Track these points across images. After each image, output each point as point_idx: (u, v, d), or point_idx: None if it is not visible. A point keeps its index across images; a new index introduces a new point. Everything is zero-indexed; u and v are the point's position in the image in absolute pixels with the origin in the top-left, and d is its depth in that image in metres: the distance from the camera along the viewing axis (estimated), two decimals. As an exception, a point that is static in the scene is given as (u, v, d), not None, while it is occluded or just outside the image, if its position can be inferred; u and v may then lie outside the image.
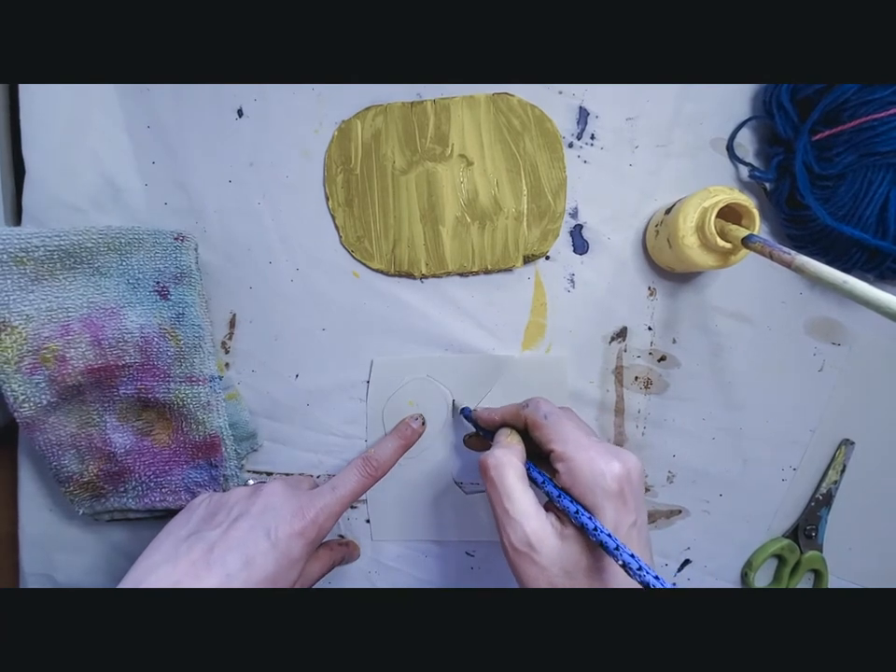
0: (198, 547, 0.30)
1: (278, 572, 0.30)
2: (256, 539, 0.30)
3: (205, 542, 0.30)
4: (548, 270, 0.40)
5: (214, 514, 0.33)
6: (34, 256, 0.34)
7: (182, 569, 0.28)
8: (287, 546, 0.31)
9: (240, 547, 0.30)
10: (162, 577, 0.28)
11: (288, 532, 0.31)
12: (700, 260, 0.34)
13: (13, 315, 0.34)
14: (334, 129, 0.39)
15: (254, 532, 0.31)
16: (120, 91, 0.39)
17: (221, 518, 0.32)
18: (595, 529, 0.25)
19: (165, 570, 0.28)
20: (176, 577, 0.28)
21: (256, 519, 0.31)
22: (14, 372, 0.34)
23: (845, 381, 0.40)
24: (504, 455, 0.29)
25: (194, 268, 0.38)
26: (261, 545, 0.30)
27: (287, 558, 0.30)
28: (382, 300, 0.40)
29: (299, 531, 0.31)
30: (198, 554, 0.29)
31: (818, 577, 0.42)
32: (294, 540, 0.31)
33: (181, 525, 0.33)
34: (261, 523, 0.31)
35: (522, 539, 0.27)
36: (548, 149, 0.39)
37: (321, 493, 0.34)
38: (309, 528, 0.32)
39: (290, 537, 0.31)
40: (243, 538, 0.30)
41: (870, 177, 0.34)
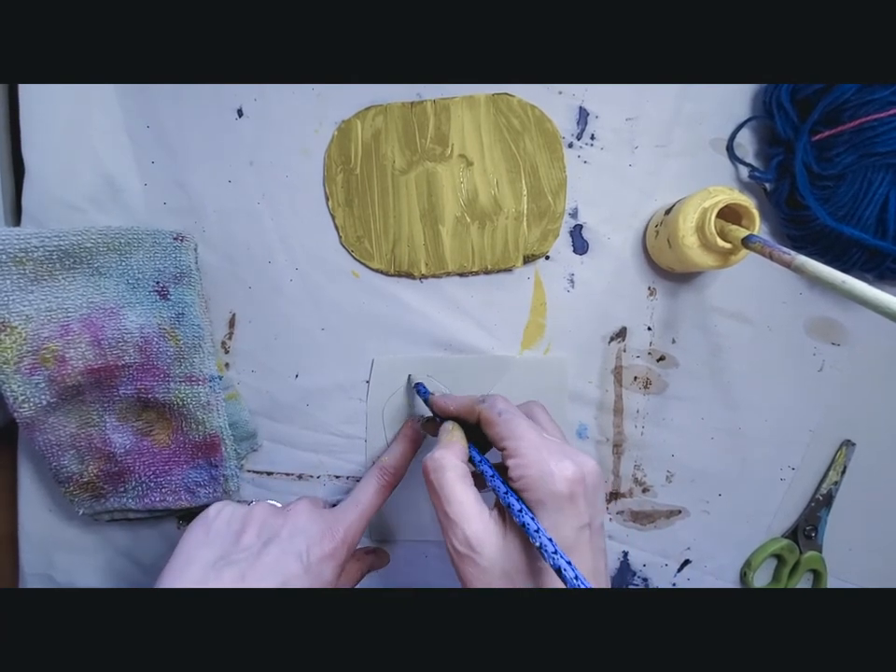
0: (227, 575, 0.28)
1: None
2: (288, 565, 0.29)
3: (236, 569, 0.29)
4: (548, 270, 0.40)
5: (239, 534, 0.31)
6: (33, 256, 0.34)
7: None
8: (319, 570, 0.30)
9: (273, 574, 0.29)
10: None
11: (320, 555, 0.30)
12: (700, 260, 0.34)
13: (13, 316, 0.34)
14: (334, 129, 0.39)
15: (286, 557, 0.30)
16: (120, 91, 0.39)
17: (249, 541, 0.31)
18: (536, 531, 0.24)
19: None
20: None
21: (287, 543, 0.30)
22: (14, 373, 0.34)
23: (845, 381, 0.40)
24: (443, 457, 0.29)
25: (194, 268, 0.38)
26: (294, 570, 0.29)
27: (319, 581, 0.30)
28: (382, 299, 0.40)
29: (329, 553, 0.31)
30: (228, 583, 0.28)
31: (817, 577, 0.42)
32: (326, 563, 0.30)
33: (201, 543, 0.31)
34: (292, 547, 0.30)
35: (463, 541, 0.26)
36: (548, 149, 0.39)
37: (346, 509, 0.33)
38: (339, 549, 0.31)
39: (322, 560, 0.30)
40: (275, 564, 0.29)
41: (870, 178, 0.34)
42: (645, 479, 0.41)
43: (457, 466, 0.28)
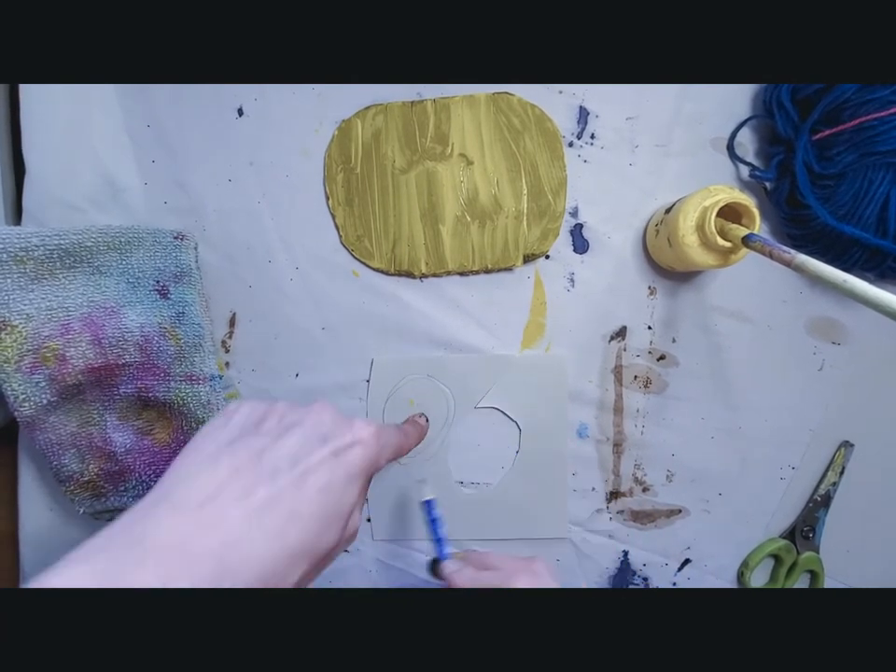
0: (243, 453, 0.25)
1: (336, 483, 0.26)
2: (312, 447, 0.26)
3: (252, 449, 0.25)
4: (548, 269, 0.40)
5: (260, 422, 0.28)
6: (34, 255, 0.34)
7: (223, 475, 0.24)
8: (347, 456, 0.27)
9: (293, 455, 0.25)
10: (199, 486, 0.24)
11: (349, 441, 0.27)
12: (700, 260, 0.34)
13: (13, 315, 0.34)
14: (334, 128, 0.39)
15: (309, 441, 0.26)
16: (120, 90, 0.39)
17: (270, 426, 0.27)
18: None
19: (203, 477, 0.24)
20: (216, 484, 0.24)
21: (312, 428, 0.27)
22: (14, 372, 0.34)
23: (845, 380, 0.40)
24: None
25: (194, 267, 0.38)
26: (319, 453, 0.26)
27: (345, 469, 0.26)
28: (382, 299, 0.40)
29: (360, 440, 0.27)
30: (243, 460, 0.25)
31: (814, 578, 0.42)
32: (356, 452, 0.27)
33: (218, 428, 0.27)
34: (318, 431, 0.27)
35: None
36: (548, 149, 0.39)
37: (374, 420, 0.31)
38: (371, 441, 0.28)
39: (351, 446, 0.27)
40: (297, 445, 0.26)
41: (870, 177, 0.33)
42: (645, 478, 0.41)
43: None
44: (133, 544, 0.22)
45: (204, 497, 0.23)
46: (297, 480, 0.24)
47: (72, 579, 0.21)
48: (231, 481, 0.24)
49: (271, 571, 0.23)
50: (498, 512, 0.41)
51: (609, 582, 0.42)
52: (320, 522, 0.25)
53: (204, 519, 0.23)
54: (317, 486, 0.25)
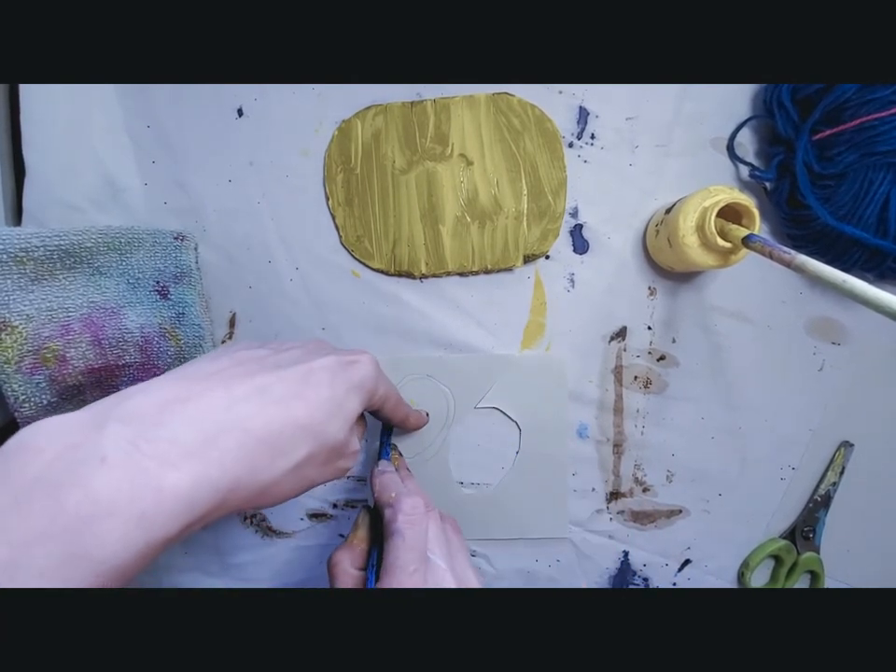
0: (245, 354, 0.26)
1: (339, 385, 0.26)
2: (315, 355, 0.27)
3: (254, 353, 0.26)
4: (548, 269, 0.40)
5: (260, 346, 0.29)
6: (34, 256, 0.34)
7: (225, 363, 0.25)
8: (350, 368, 0.27)
9: (298, 358, 0.26)
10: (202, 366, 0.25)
11: (351, 358, 0.28)
12: (700, 260, 0.34)
13: (13, 315, 0.34)
14: (334, 128, 0.39)
15: (312, 353, 0.27)
16: (120, 91, 0.39)
17: (272, 346, 0.28)
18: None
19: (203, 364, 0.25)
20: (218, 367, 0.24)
21: (314, 347, 0.28)
22: (14, 372, 0.34)
23: (845, 381, 0.40)
24: (341, 561, 0.30)
25: (194, 267, 0.38)
26: (323, 360, 0.27)
27: (348, 376, 0.27)
28: (382, 299, 0.40)
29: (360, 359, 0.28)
30: (245, 358, 0.26)
31: (814, 578, 0.42)
32: (358, 367, 0.28)
33: (217, 354, 0.27)
34: (320, 349, 0.28)
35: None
36: (548, 149, 0.39)
37: None
38: (370, 364, 0.29)
39: (352, 362, 0.28)
40: (299, 355, 0.27)
41: (870, 177, 0.33)
42: (645, 478, 0.41)
43: (349, 573, 0.29)
44: (128, 397, 0.22)
45: (210, 372, 0.24)
46: (301, 373, 0.25)
47: (65, 420, 0.21)
48: (233, 366, 0.25)
49: (277, 433, 0.23)
50: (498, 512, 0.41)
51: (609, 583, 0.42)
52: (325, 410, 0.25)
53: (208, 385, 0.23)
54: (321, 380, 0.26)
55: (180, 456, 0.20)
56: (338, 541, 0.42)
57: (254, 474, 0.23)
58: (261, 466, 0.23)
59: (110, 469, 0.19)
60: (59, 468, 0.19)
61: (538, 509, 0.41)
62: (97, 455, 0.19)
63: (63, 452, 0.19)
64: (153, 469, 0.20)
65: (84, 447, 0.20)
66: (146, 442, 0.20)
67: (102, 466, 0.19)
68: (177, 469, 0.20)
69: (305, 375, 0.25)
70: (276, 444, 0.23)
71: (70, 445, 0.20)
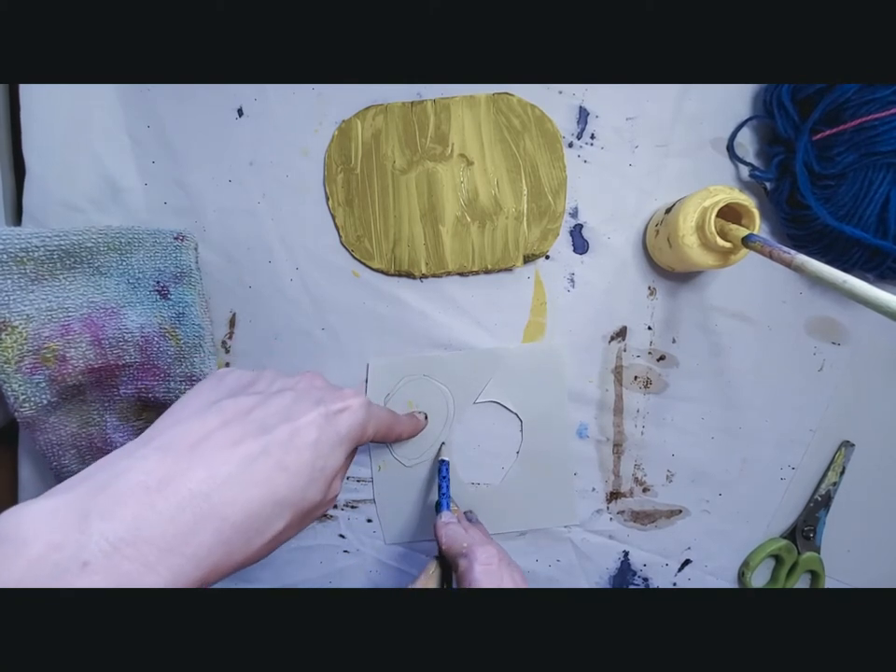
0: (232, 408, 0.25)
1: (325, 443, 0.26)
2: (303, 407, 0.26)
3: (242, 404, 0.26)
4: (548, 269, 0.40)
5: (250, 384, 0.28)
6: (34, 256, 0.34)
7: (213, 424, 0.24)
8: (337, 420, 0.27)
9: (283, 412, 0.26)
10: (189, 429, 0.24)
11: (340, 406, 0.27)
12: (700, 260, 0.34)
13: (13, 315, 0.34)
14: (334, 128, 0.39)
15: (300, 402, 0.27)
16: (120, 91, 0.39)
17: (261, 387, 0.28)
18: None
19: (190, 424, 0.24)
20: (205, 430, 0.24)
21: (304, 391, 0.28)
22: (14, 372, 0.34)
23: (845, 381, 0.40)
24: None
25: (194, 267, 0.38)
26: (310, 414, 0.26)
27: (334, 431, 0.27)
28: (381, 299, 0.40)
29: (350, 406, 0.28)
30: (232, 414, 0.25)
31: (814, 578, 0.42)
32: (346, 417, 0.27)
33: (208, 389, 0.27)
34: (309, 395, 0.27)
35: None
36: (548, 149, 0.39)
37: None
38: (360, 409, 0.28)
39: (341, 411, 0.27)
40: (288, 405, 0.26)
41: (870, 177, 0.33)
42: (645, 478, 0.41)
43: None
44: (115, 477, 0.22)
45: (195, 440, 0.23)
46: (287, 435, 0.25)
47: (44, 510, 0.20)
48: (220, 431, 0.24)
49: (257, 514, 0.23)
50: (503, 505, 0.41)
51: (609, 583, 0.42)
52: (307, 478, 0.25)
53: (194, 459, 0.23)
54: (306, 443, 0.25)
55: (158, 557, 0.20)
56: (338, 541, 0.42)
57: (229, 558, 0.23)
58: (237, 549, 0.23)
59: (92, 573, 0.19)
60: (42, 571, 0.19)
61: (543, 498, 0.41)
62: (79, 560, 0.19)
63: (45, 552, 0.19)
64: (133, 572, 0.20)
65: (66, 549, 0.19)
66: (127, 545, 0.20)
67: (83, 571, 0.19)
68: (155, 572, 0.20)
69: (290, 437, 0.25)
70: (254, 525, 0.23)
71: (53, 545, 0.19)
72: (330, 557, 0.42)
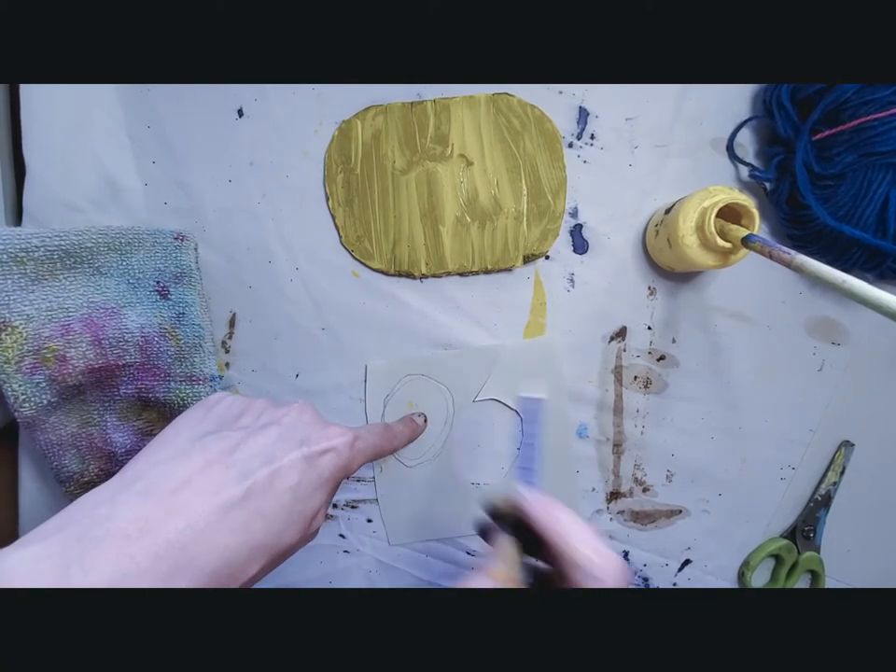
0: (216, 446, 0.25)
1: (305, 487, 0.26)
2: (286, 449, 0.26)
3: (228, 441, 0.26)
4: (548, 269, 0.40)
5: (237, 416, 0.28)
6: (34, 256, 0.34)
7: (195, 466, 0.24)
8: (319, 462, 0.27)
9: (266, 452, 0.26)
10: (170, 472, 0.24)
11: (324, 447, 0.27)
12: (700, 260, 0.34)
13: (13, 315, 0.34)
14: (334, 129, 0.39)
15: (284, 441, 0.27)
16: (120, 91, 0.39)
17: (248, 421, 0.28)
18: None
19: (173, 465, 0.24)
20: (187, 473, 0.24)
21: (288, 429, 0.27)
22: (15, 372, 0.34)
23: (845, 381, 0.40)
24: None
25: (194, 267, 0.38)
26: (292, 455, 0.26)
27: (316, 474, 0.27)
28: (381, 299, 0.40)
29: (334, 447, 0.28)
30: (215, 454, 0.25)
31: (815, 578, 0.42)
32: (328, 458, 0.27)
33: (195, 420, 0.28)
34: (294, 433, 0.27)
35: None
36: (548, 149, 0.39)
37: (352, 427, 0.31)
38: (344, 449, 0.28)
39: (324, 452, 0.27)
40: (271, 444, 0.26)
41: (870, 177, 0.34)
42: (645, 478, 0.41)
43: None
44: (95, 525, 0.22)
45: (177, 484, 0.23)
46: (266, 479, 0.25)
47: (25, 560, 0.20)
48: (202, 474, 0.24)
49: (232, 562, 0.23)
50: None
51: (609, 583, 0.42)
52: (284, 522, 0.25)
53: (174, 506, 0.23)
54: (285, 487, 0.25)
55: None
56: (338, 541, 0.42)
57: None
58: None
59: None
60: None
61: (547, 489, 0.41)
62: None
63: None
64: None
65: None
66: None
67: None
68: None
69: (270, 481, 0.25)
70: (228, 572, 0.23)
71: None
72: (330, 557, 0.42)
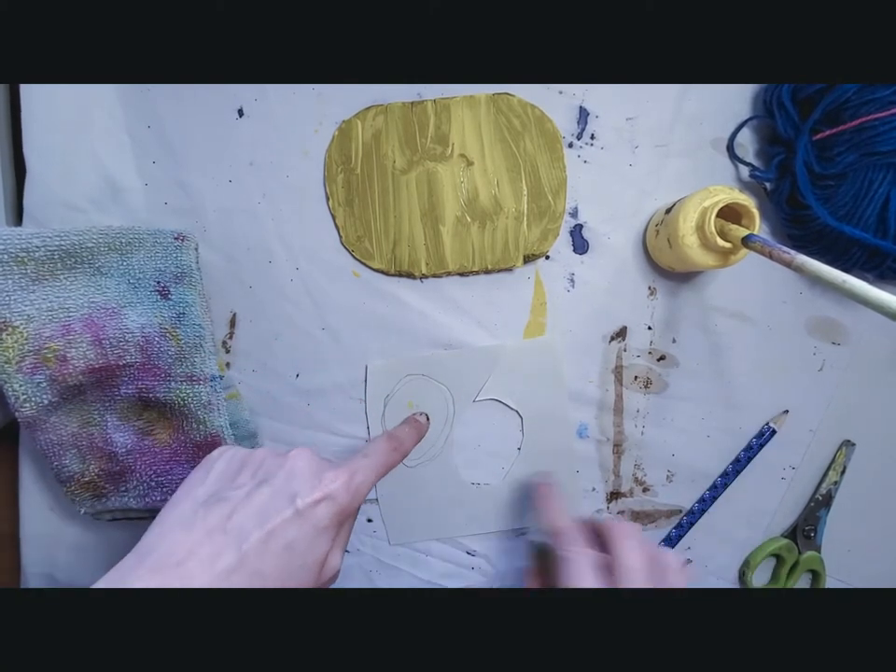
0: (216, 512, 0.27)
1: (301, 541, 0.27)
2: (278, 507, 0.27)
3: (225, 506, 0.27)
4: (548, 269, 0.40)
5: (236, 474, 0.30)
6: (34, 256, 0.34)
7: (196, 537, 0.26)
8: (314, 513, 0.28)
9: (260, 515, 0.27)
10: (176, 543, 0.26)
11: (317, 497, 0.28)
12: (700, 260, 0.34)
13: (14, 315, 0.34)
14: (334, 129, 0.39)
15: (276, 499, 0.28)
16: (120, 90, 0.39)
17: (244, 479, 0.29)
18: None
19: (179, 536, 0.26)
20: (190, 544, 0.26)
21: (281, 484, 0.29)
22: (15, 372, 0.34)
23: (845, 381, 0.40)
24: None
25: (195, 268, 0.38)
26: (284, 513, 0.27)
27: (311, 526, 0.28)
28: (382, 299, 0.40)
29: (328, 494, 0.28)
30: (215, 521, 0.27)
31: (815, 578, 0.42)
32: (323, 507, 0.28)
33: (198, 482, 0.30)
34: (286, 488, 0.28)
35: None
36: (548, 149, 0.39)
37: (353, 459, 0.31)
38: (340, 492, 0.29)
39: (318, 503, 0.28)
40: (264, 504, 0.28)
41: (870, 177, 0.34)
42: (645, 478, 0.41)
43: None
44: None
45: (182, 556, 0.25)
46: (260, 541, 0.26)
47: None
48: (202, 545, 0.26)
49: None
50: (506, 501, 0.41)
51: (609, 583, 0.42)
52: (284, 579, 0.27)
53: (179, 577, 0.24)
54: (282, 545, 0.27)
55: None
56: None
57: None
58: None
59: None
60: None
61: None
62: None
63: None
64: None
65: None
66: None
67: None
68: None
69: (265, 543, 0.26)
70: None
71: None
72: (331, 557, 0.42)
